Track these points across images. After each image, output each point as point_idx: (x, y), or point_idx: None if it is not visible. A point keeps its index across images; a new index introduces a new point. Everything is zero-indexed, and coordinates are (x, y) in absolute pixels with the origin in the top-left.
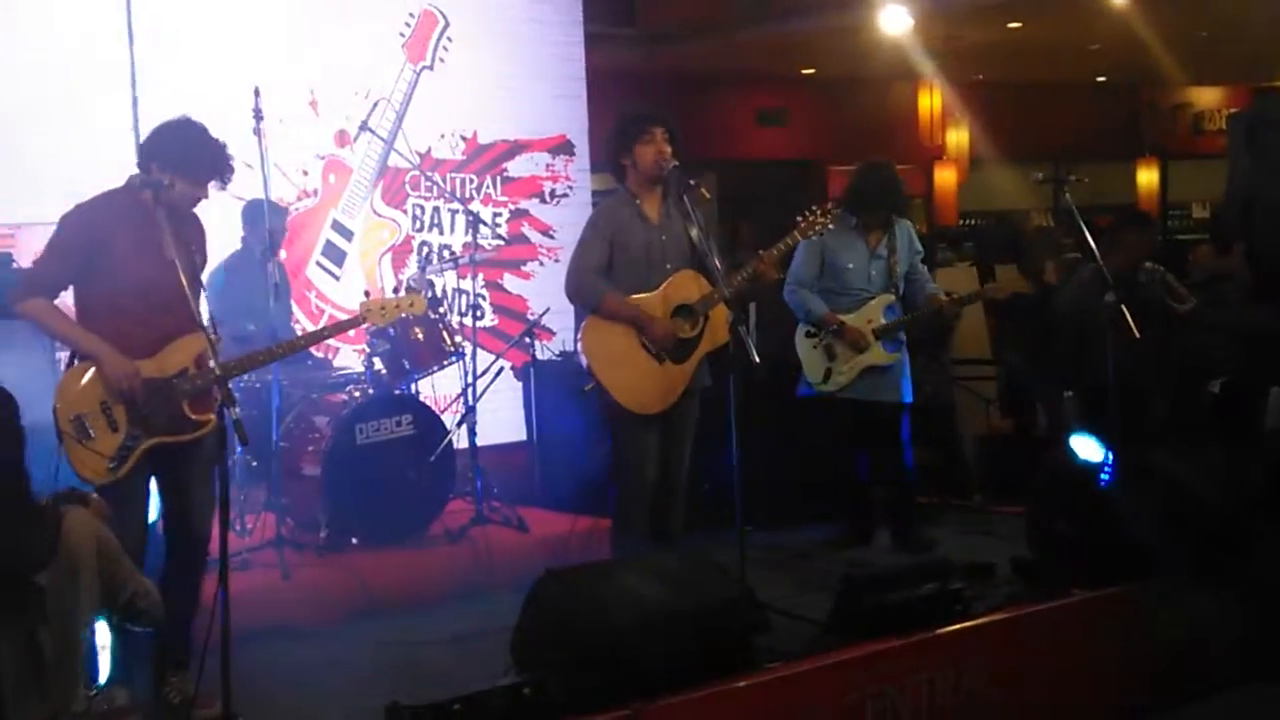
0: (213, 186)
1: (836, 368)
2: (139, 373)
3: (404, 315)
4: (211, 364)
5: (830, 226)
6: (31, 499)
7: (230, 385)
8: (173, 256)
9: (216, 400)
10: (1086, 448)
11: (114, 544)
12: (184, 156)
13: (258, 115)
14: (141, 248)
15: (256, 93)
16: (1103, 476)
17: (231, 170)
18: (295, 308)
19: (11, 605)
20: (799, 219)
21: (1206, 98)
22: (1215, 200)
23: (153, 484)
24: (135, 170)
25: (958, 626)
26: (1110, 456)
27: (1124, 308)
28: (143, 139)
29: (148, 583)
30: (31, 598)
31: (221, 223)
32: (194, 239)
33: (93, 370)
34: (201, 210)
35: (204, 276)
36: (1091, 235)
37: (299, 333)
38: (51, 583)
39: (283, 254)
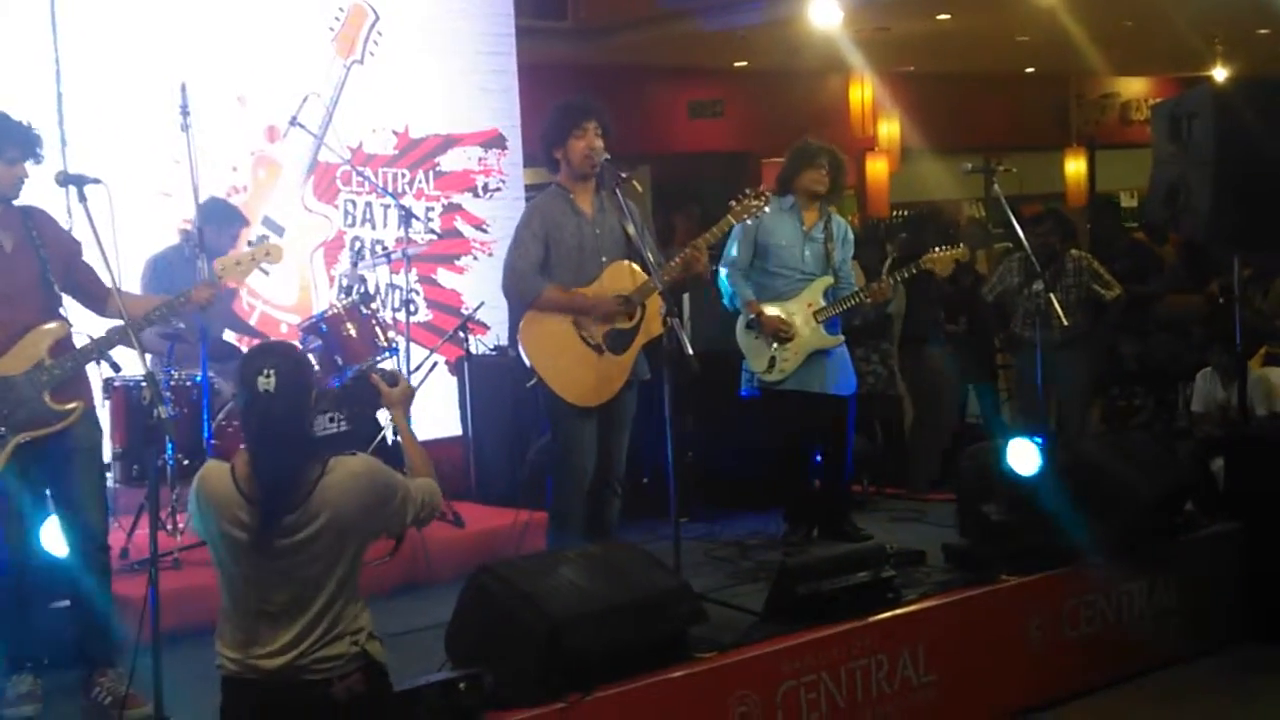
0: (30, 165)
1: (781, 354)
2: None
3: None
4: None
5: (766, 209)
6: (298, 445)
7: (159, 384)
8: (10, 249)
9: (83, 387)
10: (1024, 453)
11: (382, 489)
12: None
13: (184, 111)
14: None
15: (183, 89)
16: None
17: (40, 144)
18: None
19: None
20: (732, 202)
21: (1133, 88)
22: (1143, 190)
23: None
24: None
25: (890, 614)
26: (1041, 445)
27: (1052, 295)
28: None
29: (418, 488)
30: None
31: (154, 219)
32: (43, 227)
33: None
34: (140, 209)
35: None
36: (1020, 224)
37: (235, 332)
38: (317, 528)
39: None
